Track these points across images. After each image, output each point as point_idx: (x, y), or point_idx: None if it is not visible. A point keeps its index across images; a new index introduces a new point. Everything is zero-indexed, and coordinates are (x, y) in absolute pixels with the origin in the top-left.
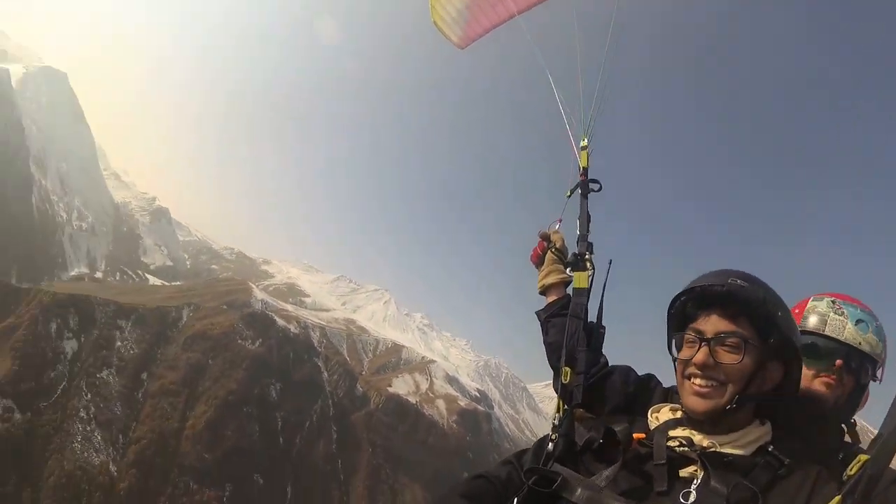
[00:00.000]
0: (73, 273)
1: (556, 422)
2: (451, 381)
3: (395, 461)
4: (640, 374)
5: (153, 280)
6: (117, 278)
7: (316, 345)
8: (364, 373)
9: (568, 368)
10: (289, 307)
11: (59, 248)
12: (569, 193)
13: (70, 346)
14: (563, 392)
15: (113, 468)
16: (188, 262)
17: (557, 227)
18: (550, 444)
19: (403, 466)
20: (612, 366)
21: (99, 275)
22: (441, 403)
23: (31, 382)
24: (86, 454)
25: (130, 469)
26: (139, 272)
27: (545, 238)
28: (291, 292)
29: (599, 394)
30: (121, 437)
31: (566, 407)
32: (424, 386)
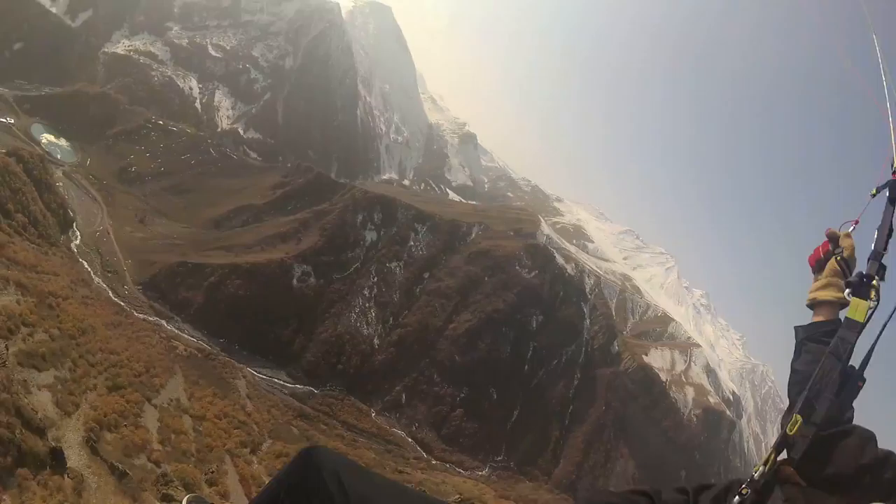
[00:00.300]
0: (384, 177)
1: (756, 474)
2: (710, 372)
3: (621, 428)
4: (882, 447)
5: (453, 195)
6: (421, 188)
7: (587, 291)
8: (626, 333)
9: (799, 417)
10: (570, 248)
11: (376, 154)
12: (874, 192)
13: (370, 235)
14: (781, 441)
15: (376, 342)
16: (486, 186)
17: (851, 229)
18: (738, 497)
19: (628, 437)
20: (853, 426)
21: (406, 182)
22: (690, 392)
23: (331, 257)
24: (358, 324)
25: (390, 347)
26: (441, 186)
27: (832, 240)
28: (577, 234)
29: (824, 454)
30: (391, 319)
31: (776, 459)
32: (680, 367)
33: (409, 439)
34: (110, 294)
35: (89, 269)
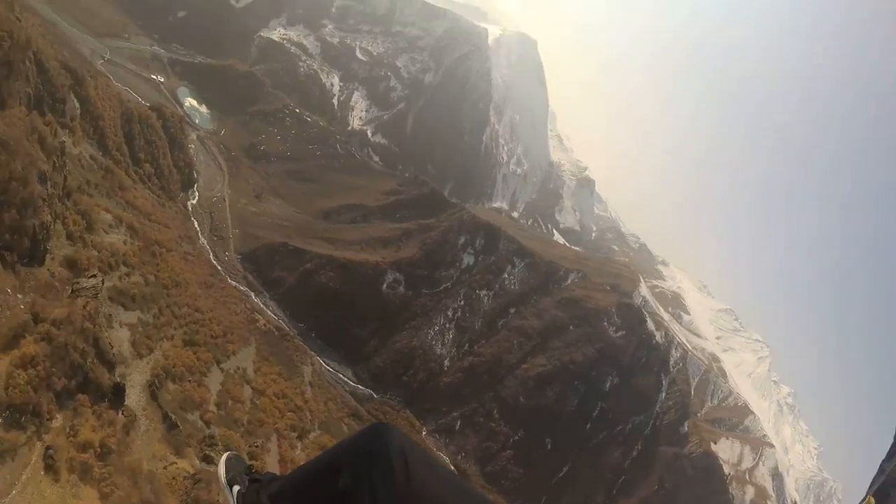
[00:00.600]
0: (494, 205)
1: None
2: (776, 476)
3: None
4: None
5: (557, 237)
6: (529, 223)
7: (671, 363)
8: (699, 415)
9: (873, 499)
10: (665, 315)
11: (492, 181)
12: None
13: (468, 259)
14: None
15: (447, 363)
16: (594, 234)
17: None
18: None
19: None
20: None
21: (515, 214)
22: (750, 492)
23: (425, 271)
24: (433, 342)
25: (458, 372)
26: (549, 226)
27: None
28: (674, 302)
29: None
30: (467, 345)
31: None
32: (747, 464)
33: (452, 466)
34: (211, 256)
35: (198, 229)
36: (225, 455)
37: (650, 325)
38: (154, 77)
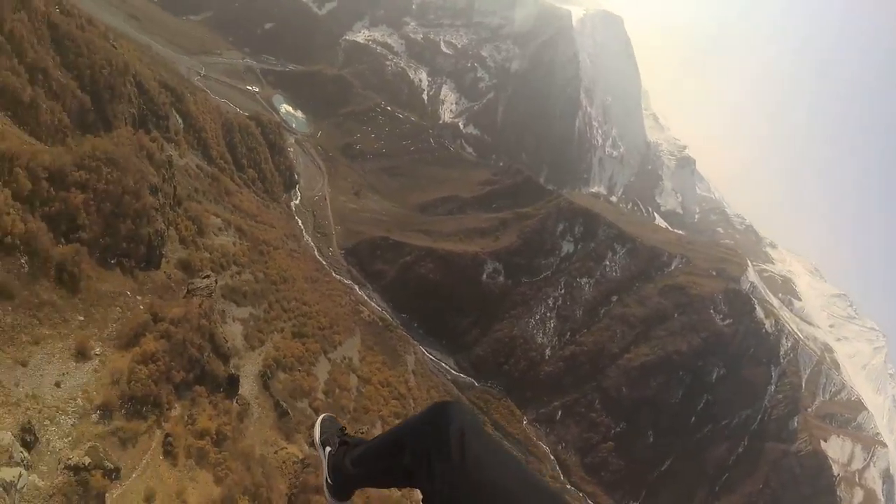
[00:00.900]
0: (592, 190)
1: None
2: (887, 479)
3: None
4: None
5: (659, 220)
6: (628, 207)
7: (781, 354)
8: (810, 410)
9: None
10: (774, 302)
11: (588, 166)
12: None
13: (567, 246)
14: None
15: (548, 352)
16: (697, 216)
17: None
18: None
19: None
20: None
21: (614, 199)
22: (858, 495)
23: (524, 260)
24: (534, 331)
25: (559, 361)
26: (649, 209)
27: None
28: (784, 288)
29: None
30: (568, 334)
31: None
32: (857, 465)
33: (552, 456)
34: (315, 252)
35: (302, 227)
36: (321, 416)
37: (759, 312)
38: (249, 88)
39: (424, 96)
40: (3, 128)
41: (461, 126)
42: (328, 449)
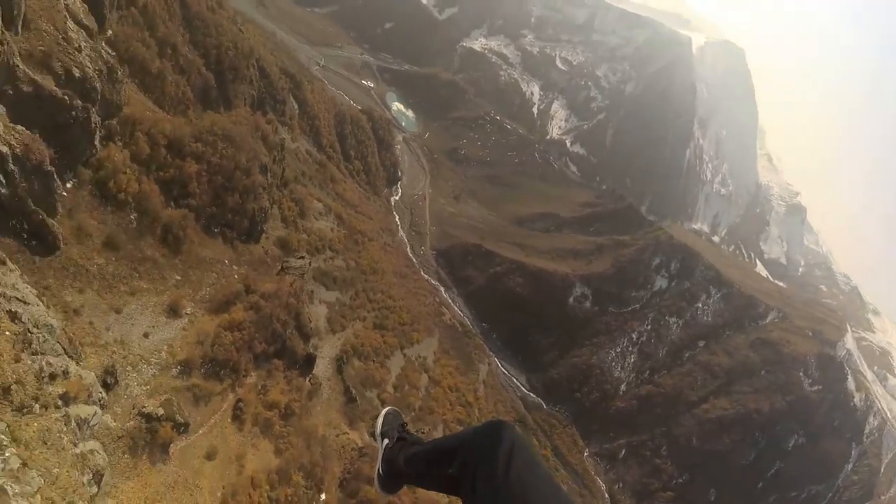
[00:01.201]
0: (694, 226)
1: None
2: None
3: None
4: None
5: (760, 268)
6: (730, 249)
7: (865, 432)
8: (884, 499)
9: None
10: (868, 374)
11: (693, 201)
12: None
13: (661, 282)
14: None
15: (623, 388)
16: (801, 270)
17: None
18: None
19: None
20: None
21: (716, 239)
22: None
23: (614, 289)
24: (613, 363)
25: (633, 399)
26: (751, 254)
27: None
28: (881, 361)
29: None
30: (647, 372)
31: None
32: None
33: (606, 494)
34: (408, 249)
35: (399, 223)
36: (386, 409)
37: (851, 383)
38: (364, 83)
39: (534, 110)
40: (131, 94)
41: (568, 144)
42: (386, 441)
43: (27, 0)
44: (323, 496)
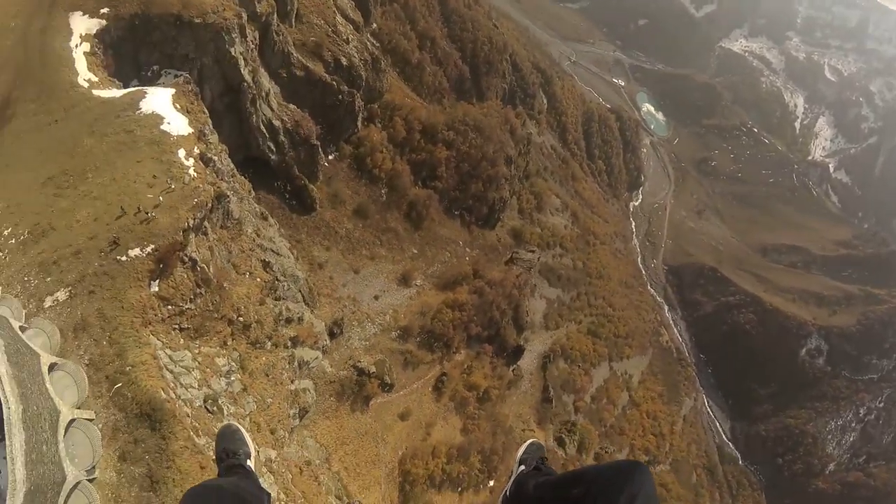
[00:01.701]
0: None
1: None
2: None
3: None
4: None
5: None
6: None
7: None
8: None
9: None
10: None
11: None
12: None
13: None
14: None
15: (831, 466)
16: None
17: None
18: None
19: None
20: None
21: None
22: None
23: (853, 350)
24: (828, 436)
25: (837, 483)
26: None
27: None
28: None
29: None
30: (863, 458)
31: None
32: None
33: None
34: (638, 259)
35: (634, 230)
36: (531, 440)
37: None
38: (615, 81)
39: (797, 125)
40: (392, 81)
41: (831, 169)
42: (522, 467)
43: None
44: (491, 483)
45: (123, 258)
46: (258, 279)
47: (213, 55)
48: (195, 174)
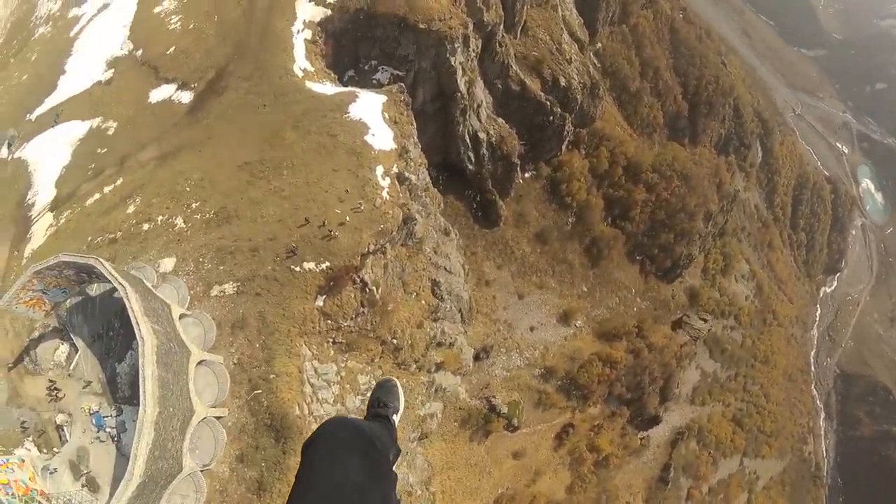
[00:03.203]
0: None
1: None
2: None
3: None
4: None
5: None
6: None
7: None
8: None
9: None
10: None
11: None
12: None
13: None
14: None
15: None
16: None
17: None
18: None
19: None
20: None
21: None
22: None
23: None
24: None
25: None
26: None
27: None
28: None
29: None
30: None
31: None
32: None
33: None
34: (812, 353)
35: (816, 320)
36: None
37: None
38: (838, 145)
39: None
40: (607, 108)
41: None
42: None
43: (529, 9)
44: None
45: (297, 269)
46: (423, 301)
47: (431, 60)
48: (388, 197)
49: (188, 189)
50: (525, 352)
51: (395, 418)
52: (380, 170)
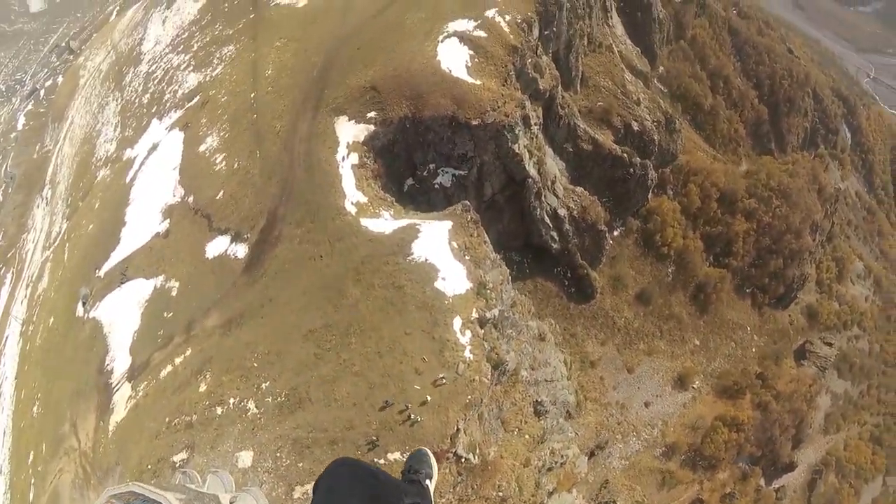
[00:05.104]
0: None
1: None
2: None
3: None
4: None
5: None
6: None
7: None
8: None
9: None
10: None
11: None
12: None
13: None
14: None
15: None
16: None
17: None
18: None
19: None
20: None
21: None
22: None
23: None
24: None
25: None
26: None
27: None
28: None
29: None
30: None
31: None
32: None
33: None
34: None
35: None
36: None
37: None
38: None
39: None
40: (686, 137)
41: None
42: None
43: (584, 58)
44: None
45: (381, 461)
46: (526, 435)
47: (493, 153)
48: (471, 357)
49: (255, 365)
50: (643, 433)
51: (430, 484)
52: (457, 323)
